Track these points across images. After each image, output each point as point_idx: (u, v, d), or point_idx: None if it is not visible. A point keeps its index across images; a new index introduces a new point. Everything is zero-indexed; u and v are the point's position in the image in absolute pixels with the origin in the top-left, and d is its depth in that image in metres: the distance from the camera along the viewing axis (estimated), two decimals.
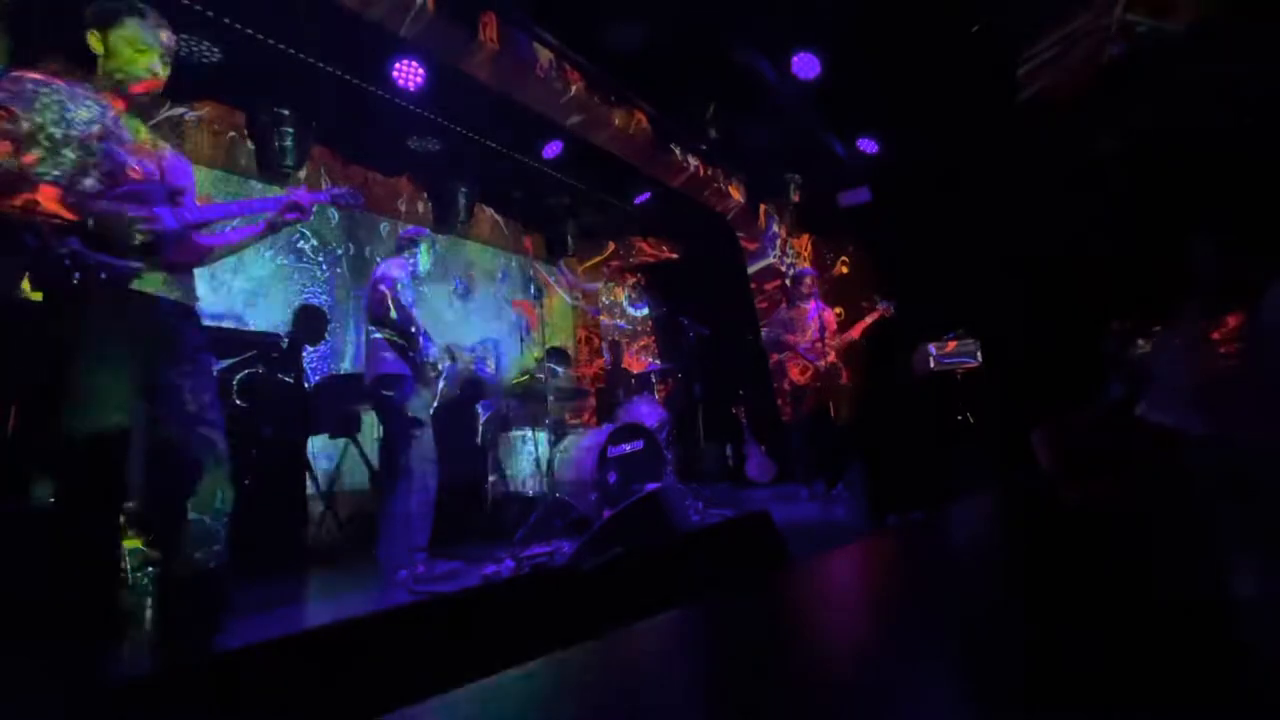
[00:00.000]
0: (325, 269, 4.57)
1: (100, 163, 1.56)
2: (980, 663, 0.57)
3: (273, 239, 3.11)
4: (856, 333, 4.76)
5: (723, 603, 0.92)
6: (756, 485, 5.47)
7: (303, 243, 4.47)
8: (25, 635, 1.36)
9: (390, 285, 2.94)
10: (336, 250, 4.66)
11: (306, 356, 4.22)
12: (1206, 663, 0.49)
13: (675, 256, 6.94)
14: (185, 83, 3.52)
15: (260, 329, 4.00)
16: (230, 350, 3.27)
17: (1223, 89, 3.14)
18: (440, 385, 3.16)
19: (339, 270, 4.65)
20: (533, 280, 3.76)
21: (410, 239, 3.24)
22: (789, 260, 6.27)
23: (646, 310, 7.20)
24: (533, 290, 3.72)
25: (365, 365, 3.09)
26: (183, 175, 1.82)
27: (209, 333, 1.84)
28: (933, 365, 4.51)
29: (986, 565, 1.04)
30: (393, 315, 2.91)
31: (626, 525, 2.05)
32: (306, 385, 4.04)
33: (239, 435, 1.73)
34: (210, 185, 3.96)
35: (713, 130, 4.84)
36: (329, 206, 3.36)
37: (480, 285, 5.76)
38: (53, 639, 1.38)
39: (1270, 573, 0.73)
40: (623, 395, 5.00)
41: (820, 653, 0.67)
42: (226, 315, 3.99)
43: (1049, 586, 0.79)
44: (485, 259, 5.88)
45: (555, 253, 6.44)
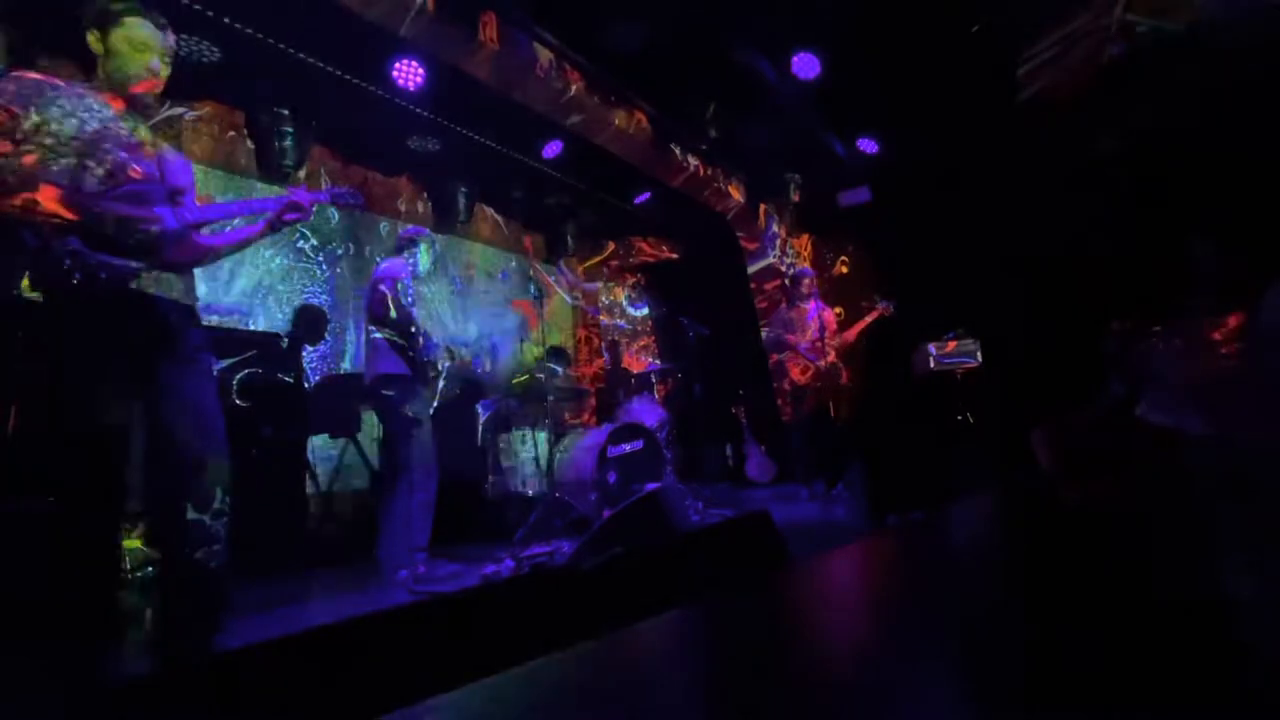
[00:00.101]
0: (325, 269, 4.57)
1: (100, 163, 1.56)
2: (980, 663, 0.57)
3: (273, 239, 3.11)
4: (853, 335, 4.76)
5: (723, 603, 0.92)
6: (756, 485, 5.47)
7: (303, 243, 4.47)
8: (25, 635, 1.36)
9: (390, 285, 2.95)
10: (336, 250, 4.66)
11: (306, 356, 4.22)
12: (1206, 663, 0.49)
13: (675, 256, 6.94)
14: (185, 82, 3.52)
15: (260, 329, 4.00)
16: (230, 350, 3.27)
17: (1222, 89, 3.14)
18: (440, 385, 3.16)
19: (339, 270, 4.64)
20: (533, 280, 3.76)
21: (410, 239, 3.24)
22: (789, 260, 6.27)
23: (646, 310, 7.19)
24: (533, 290, 3.72)
25: (365, 365, 3.09)
26: (183, 175, 1.82)
27: (209, 333, 1.84)
28: (933, 365, 4.51)
29: (986, 565, 1.04)
30: (393, 315, 2.91)
31: (626, 525, 2.05)
32: (306, 385, 4.04)
33: (239, 435, 1.73)
34: (210, 185, 3.96)
35: (713, 130, 4.84)
36: (329, 206, 3.36)
37: (479, 284, 5.76)
38: (53, 639, 1.38)
39: (1270, 573, 0.73)
40: (623, 395, 5.00)
41: (820, 653, 0.67)
42: (234, 311, 3.99)
43: (1049, 586, 0.79)
44: (485, 259, 5.88)
45: (555, 253, 6.44)
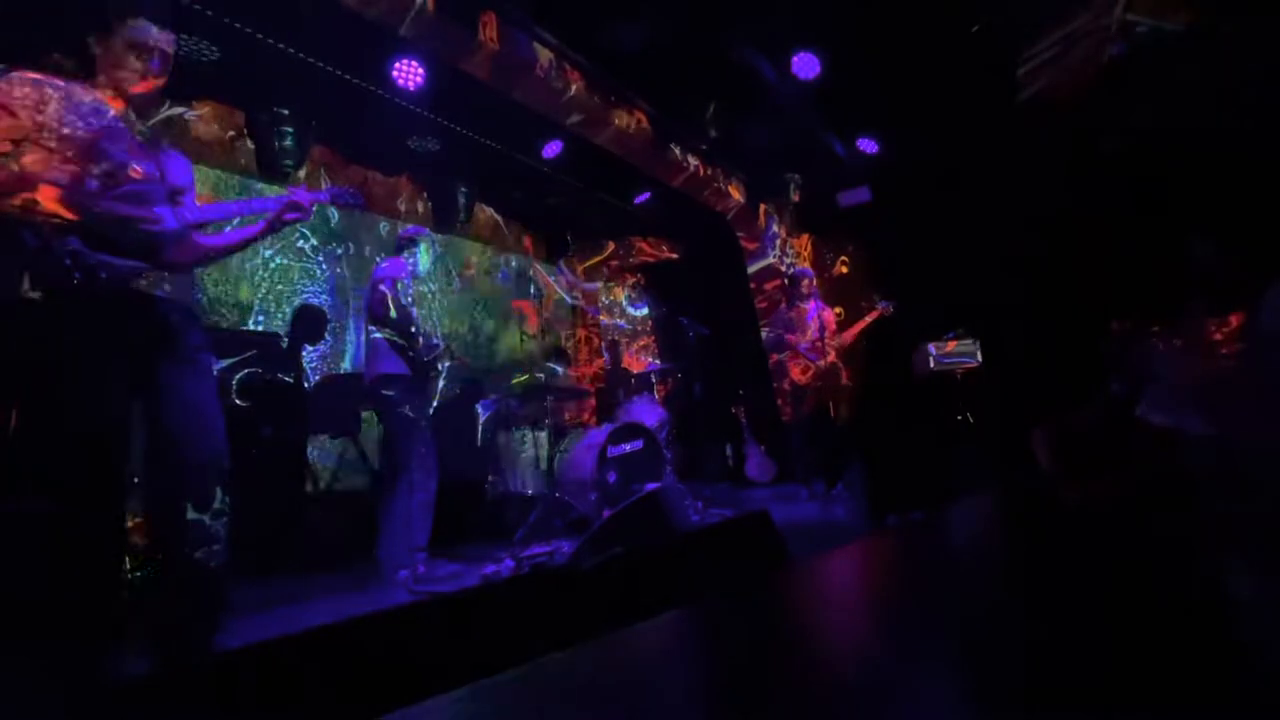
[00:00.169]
0: (325, 269, 4.57)
1: (100, 163, 1.56)
2: (980, 663, 0.57)
3: (273, 239, 3.11)
4: (850, 336, 4.76)
5: (723, 603, 0.92)
6: (756, 485, 5.46)
7: (303, 243, 4.47)
8: (25, 635, 1.36)
9: (390, 285, 2.95)
10: (336, 250, 4.66)
11: (306, 356, 4.22)
12: (1206, 663, 0.49)
13: (675, 256, 6.93)
14: (185, 82, 3.52)
15: (260, 329, 4.00)
16: (230, 350, 3.27)
17: (1223, 89, 3.14)
18: (440, 385, 3.16)
19: (339, 270, 4.64)
20: (533, 280, 3.76)
21: (410, 238, 3.24)
22: (789, 260, 6.27)
23: (646, 310, 7.19)
24: (533, 290, 3.72)
25: (365, 365, 3.09)
26: (183, 175, 1.82)
27: (209, 333, 1.84)
28: (933, 365, 4.51)
29: (986, 565, 1.04)
30: (392, 315, 2.91)
31: (626, 525, 2.05)
32: (306, 385, 4.04)
33: (239, 435, 1.73)
34: (210, 185, 3.96)
35: (713, 130, 4.84)
36: (329, 206, 3.36)
37: (479, 284, 5.75)
38: (53, 639, 1.38)
39: (1270, 573, 0.73)
40: (623, 395, 5.00)
41: (820, 653, 0.67)
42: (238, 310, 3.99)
43: (1049, 586, 0.79)
44: (485, 259, 5.88)
45: (555, 253, 6.44)
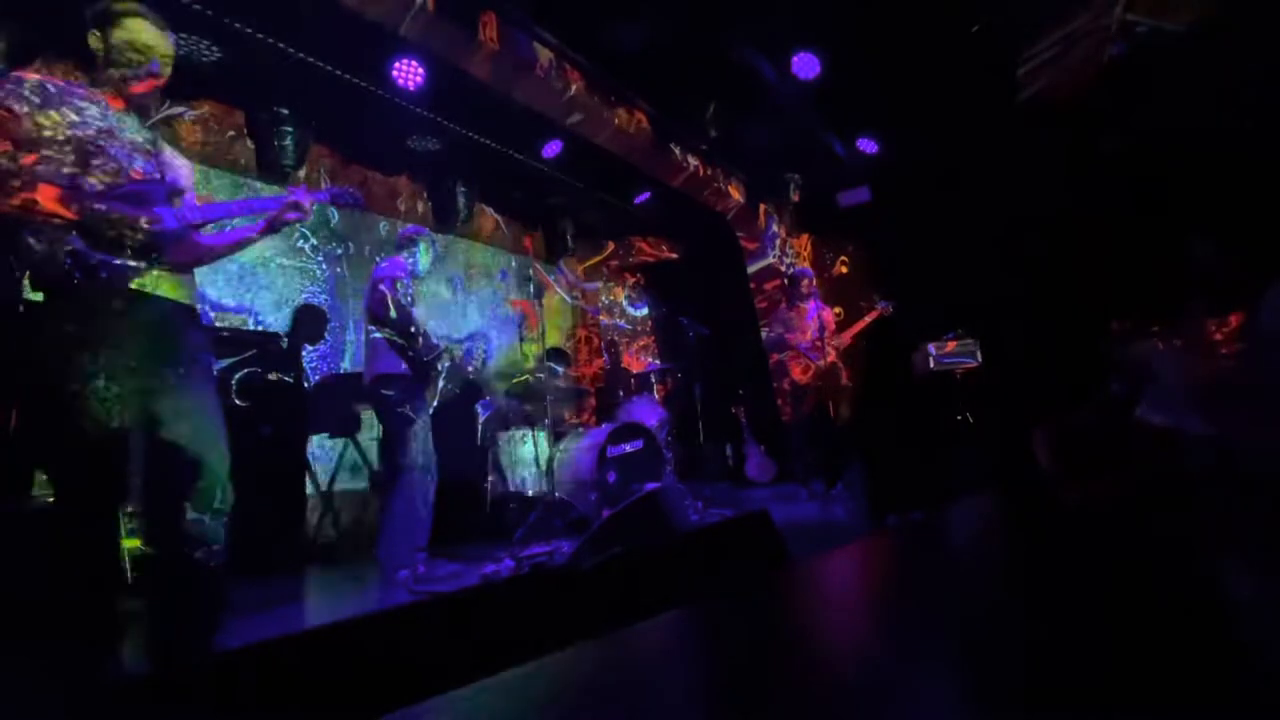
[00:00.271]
0: (325, 269, 4.56)
1: (100, 163, 1.56)
2: (980, 663, 0.57)
3: (272, 238, 3.10)
4: (847, 337, 4.76)
5: (723, 603, 0.92)
6: (756, 485, 5.46)
7: (303, 243, 4.47)
8: (25, 635, 1.36)
9: (390, 285, 2.95)
10: (336, 250, 4.66)
11: (306, 356, 4.22)
12: (1206, 663, 0.49)
13: (675, 256, 6.93)
14: (185, 81, 3.52)
15: (260, 328, 4.00)
16: (230, 350, 3.27)
17: (1223, 89, 3.14)
18: (440, 385, 3.16)
19: (339, 270, 4.64)
20: (533, 280, 3.75)
21: (409, 238, 3.24)
22: (789, 260, 6.27)
23: (646, 310, 7.19)
24: (533, 290, 3.72)
25: (365, 365, 3.09)
26: (182, 175, 1.82)
27: (209, 332, 1.84)
28: (933, 365, 4.51)
29: (986, 565, 1.04)
30: (392, 315, 2.91)
31: (626, 525, 2.05)
32: (306, 385, 4.04)
33: (239, 435, 1.73)
34: (210, 185, 3.96)
35: (713, 130, 4.84)
36: (329, 206, 3.36)
37: (478, 283, 5.75)
38: (53, 639, 1.38)
39: (1270, 573, 0.73)
40: (622, 395, 5.00)
41: (820, 653, 0.67)
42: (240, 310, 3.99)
43: (1049, 586, 0.79)
44: (485, 258, 5.87)
45: (555, 253, 6.44)
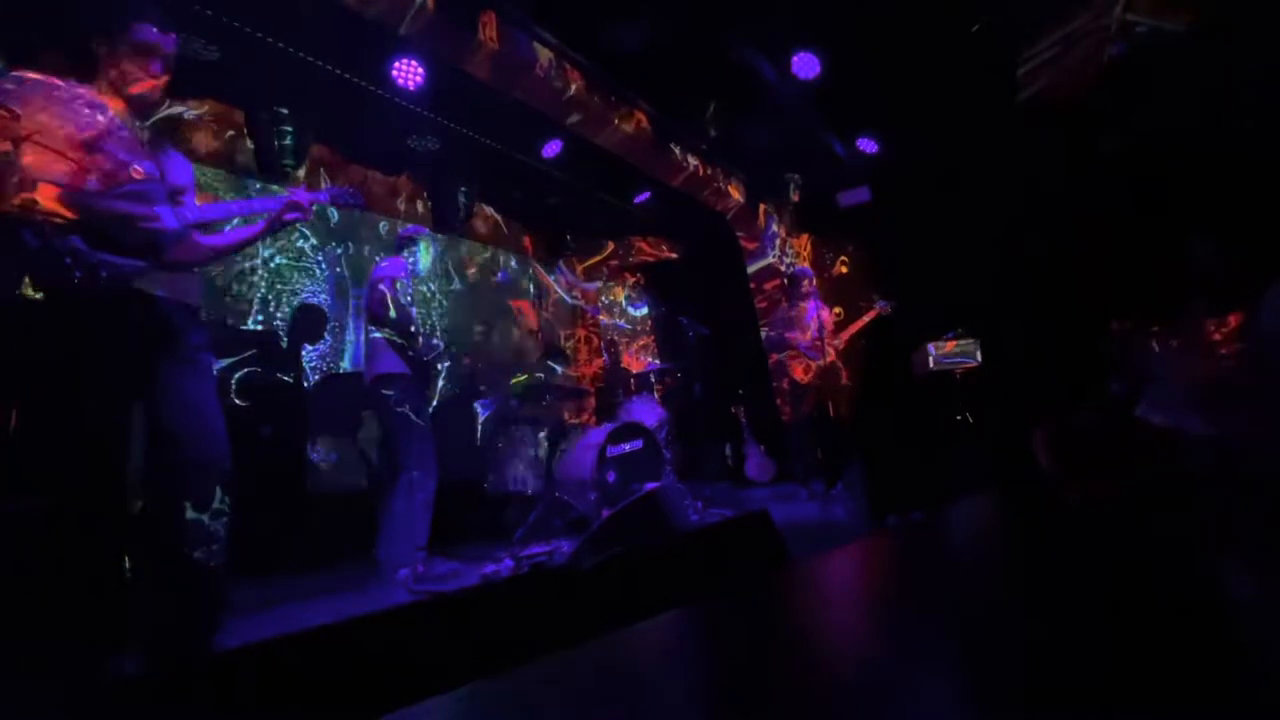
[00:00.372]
0: (325, 269, 4.57)
1: (100, 163, 1.56)
2: (980, 663, 0.57)
3: (272, 238, 3.11)
4: (845, 337, 4.76)
5: (723, 603, 0.92)
6: (756, 485, 5.46)
7: (303, 243, 4.47)
8: (25, 635, 1.36)
9: (389, 285, 2.95)
10: (336, 250, 4.66)
11: (306, 356, 4.22)
12: (1206, 663, 0.49)
13: (675, 256, 6.93)
14: (185, 81, 3.51)
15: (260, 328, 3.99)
16: (230, 349, 3.27)
17: (1223, 89, 3.14)
18: (440, 385, 3.16)
19: (339, 270, 4.64)
20: (533, 280, 3.75)
21: (409, 238, 3.24)
22: (788, 260, 6.27)
23: (646, 310, 7.19)
24: (533, 290, 3.72)
25: (365, 365, 3.09)
26: (183, 174, 1.82)
27: (209, 332, 1.84)
28: (933, 365, 4.51)
29: (986, 565, 1.03)
30: (392, 314, 2.91)
31: (626, 525, 2.05)
32: (306, 385, 4.04)
33: (239, 435, 1.73)
34: (210, 184, 3.96)
35: (713, 130, 4.84)
36: (329, 206, 3.36)
37: (479, 284, 5.75)
38: (53, 639, 1.38)
39: (1270, 573, 0.73)
40: (622, 395, 5.00)
41: (820, 653, 0.67)
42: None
43: (1049, 586, 0.79)
44: (485, 258, 5.87)
45: (555, 253, 6.44)
